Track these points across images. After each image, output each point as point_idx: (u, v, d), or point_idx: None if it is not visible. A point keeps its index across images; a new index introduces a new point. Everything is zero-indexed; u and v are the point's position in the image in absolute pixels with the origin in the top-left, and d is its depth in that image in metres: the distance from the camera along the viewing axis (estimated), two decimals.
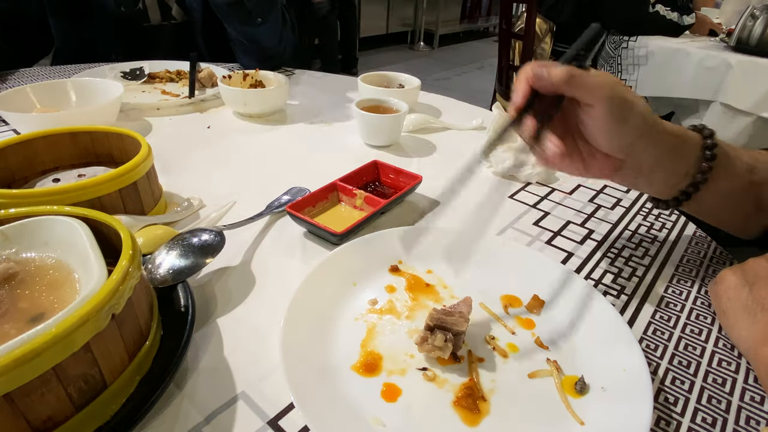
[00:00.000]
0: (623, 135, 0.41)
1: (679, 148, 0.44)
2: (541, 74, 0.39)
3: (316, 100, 1.00)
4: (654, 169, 0.44)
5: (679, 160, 0.44)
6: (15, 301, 0.32)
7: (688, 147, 0.44)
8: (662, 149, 0.43)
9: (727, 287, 0.43)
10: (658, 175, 0.45)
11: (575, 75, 0.39)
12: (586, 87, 0.39)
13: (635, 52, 1.92)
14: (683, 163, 0.44)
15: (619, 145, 0.42)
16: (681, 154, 0.44)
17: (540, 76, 0.39)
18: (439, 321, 0.37)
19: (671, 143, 0.43)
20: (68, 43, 1.11)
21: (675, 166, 0.44)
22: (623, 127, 0.41)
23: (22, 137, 0.53)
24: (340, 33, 4.05)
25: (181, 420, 0.33)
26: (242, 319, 0.42)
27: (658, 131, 0.43)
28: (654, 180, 0.46)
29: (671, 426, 0.35)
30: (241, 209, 0.59)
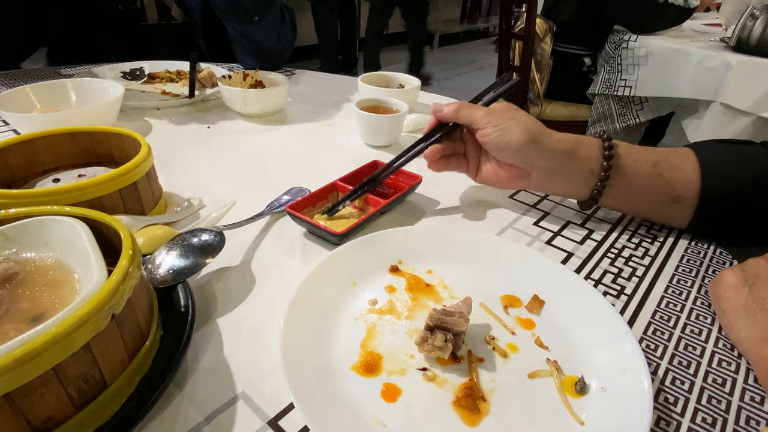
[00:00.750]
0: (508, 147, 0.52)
1: (574, 152, 0.52)
2: (439, 108, 0.56)
3: (316, 100, 1.00)
4: (555, 173, 0.53)
5: (577, 161, 0.52)
6: (15, 301, 0.32)
7: (586, 149, 0.52)
8: (555, 155, 0.52)
9: (727, 287, 0.43)
10: (563, 177, 0.54)
11: (461, 108, 0.54)
12: (468, 118, 0.54)
13: (635, 52, 1.92)
14: (585, 164, 0.52)
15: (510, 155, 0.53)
16: (578, 157, 0.52)
17: (438, 109, 0.56)
18: (439, 321, 0.37)
19: (564, 148, 0.52)
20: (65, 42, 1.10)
21: (577, 168, 0.53)
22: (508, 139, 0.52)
23: (22, 137, 0.53)
24: (340, 33, 4.05)
25: (181, 420, 0.33)
26: (242, 319, 0.42)
27: (547, 140, 0.52)
28: (564, 183, 0.55)
29: (671, 426, 0.35)
30: (241, 209, 0.59)
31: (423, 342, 0.37)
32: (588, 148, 0.52)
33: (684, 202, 0.52)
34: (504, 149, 0.52)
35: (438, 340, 0.36)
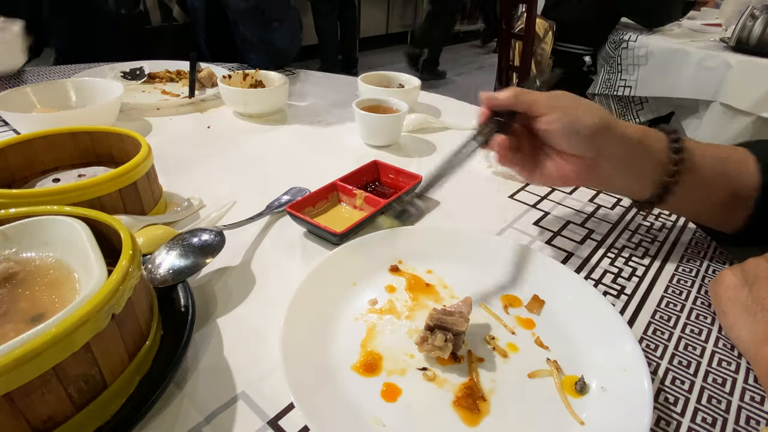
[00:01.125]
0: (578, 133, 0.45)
1: (643, 142, 0.47)
2: (492, 95, 0.48)
3: (316, 100, 1.00)
4: (625, 164, 0.47)
5: (647, 153, 0.47)
6: (15, 300, 0.32)
7: (654, 140, 0.47)
8: (627, 143, 0.46)
9: (727, 287, 0.43)
10: (631, 171, 0.48)
11: (520, 93, 0.46)
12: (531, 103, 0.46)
13: (635, 52, 1.92)
14: (653, 156, 0.47)
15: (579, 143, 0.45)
16: (648, 148, 0.47)
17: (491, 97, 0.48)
18: (440, 321, 0.37)
19: (634, 136, 0.46)
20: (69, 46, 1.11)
21: (646, 160, 0.47)
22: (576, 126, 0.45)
23: (22, 137, 0.53)
24: (340, 33, 4.05)
25: (181, 420, 0.33)
26: (242, 319, 0.42)
27: (618, 126, 0.46)
28: (630, 177, 0.48)
29: (671, 426, 0.35)
30: (241, 209, 0.59)
31: (423, 342, 0.37)
32: (656, 139, 0.47)
33: (741, 202, 0.49)
34: (573, 136, 0.45)
35: (438, 340, 0.36)
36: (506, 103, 0.47)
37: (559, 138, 0.46)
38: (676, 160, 0.46)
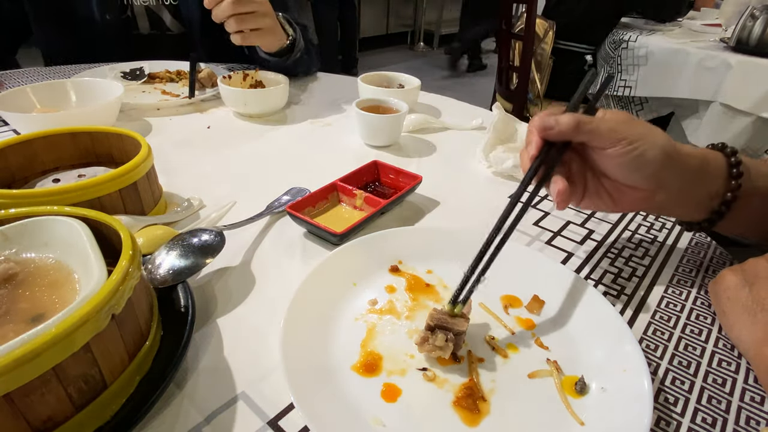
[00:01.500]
0: (643, 167, 0.42)
1: (703, 169, 0.44)
2: (549, 124, 0.41)
3: (316, 100, 1.00)
4: (682, 194, 0.44)
5: (705, 181, 0.44)
6: (15, 301, 0.32)
7: (713, 167, 0.44)
8: (687, 174, 0.43)
9: (727, 287, 0.42)
10: (687, 199, 0.45)
11: (582, 122, 0.40)
12: (595, 132, 0.41)
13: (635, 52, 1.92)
14: (711, 184, 0.45)
15: (641, 178, 0.42)
16: (707, 176, 0.44)
17: (548, 126, 0.41)
18: (440, 321, 0.37)
19: (695, 166, 0.44)
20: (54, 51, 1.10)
21: (703, 188, 0.45)
22: (640, 161, 0.41)
23: (22, 137, 0.53)
24: (340, 33, 4.05)
25: (181, 420, 0.33)
26: (242, 319, 0.42)
27: (680, 157, 0.43)
28: (684, 204, 0.46)
29: (671, 426, 0.35)
30: (241, 209, 0.59)
31: (423, 342, 0.37)
32: (715, 166, 0.45)
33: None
34: (637, 171, 0.42)
35: (439, 340, 0.36)
36: (568, 133, 0.41)
37: (620, 171, 0.43)
38: (733, 187, 0.44)
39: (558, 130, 0.41)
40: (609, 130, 0.41)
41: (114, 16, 1.05)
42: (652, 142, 0.41)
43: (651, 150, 0.41)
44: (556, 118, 0.41)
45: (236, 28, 0.84)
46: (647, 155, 0.41)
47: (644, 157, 0.41)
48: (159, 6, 1.08)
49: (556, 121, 0.41)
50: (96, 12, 1.03)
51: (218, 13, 0.82)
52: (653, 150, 0.41)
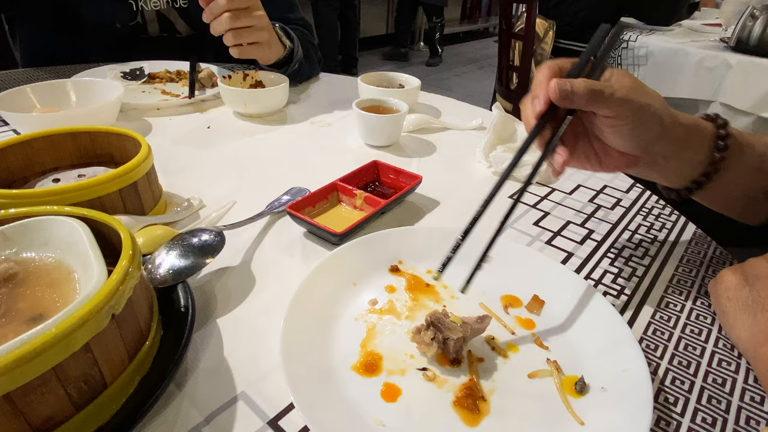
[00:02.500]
0: (642, 137, 0.42)
1: (692, 138, 0.44)
2: (565, 91, 0.39)
3: (316, 100, 1.00)
4: (668, 160, 0.44)
5: (692, 149, 0.44)
6: (15, 301, 0.32)
7: (702, 137, 0.44)
8: (677, 142, 0.43)
9: (727, 287, 0.43)
10: (672, 165, 0.45)
11: (596, 92, 0.39)
12: (608, 103, 0.40)
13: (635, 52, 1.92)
14: (697, 153, 0.44)
15: (637, 146, 0.42)
16: (694, 144, 0.44)
17: (564, 93, 0.39)
18: (436, 320, 0.37)
19: (685, 134, 0.44)
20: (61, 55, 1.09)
21: (689, 156, 0.45)
22: (641, 131, 0.41)
23: (22, 137, 0.53)
24: (340, 33, 4.05)
25: (181, 420, 0.33)
26: (242, 319, 0.42)
27: (674, 126, 0.43)
28: (668, 170, 0.46)
29: (671, 426, 0.35)
30: (241, 209, 0.59)
31: (417, 333, 0.37)
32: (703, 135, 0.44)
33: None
34: (634, 140, 0.42)
35: (426, 336, 0.37)
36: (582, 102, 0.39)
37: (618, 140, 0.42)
38: (716, 159, 0.44)
39: (569, 101, 0.40)
40: (621, 100, 0.40)
41: (124, 24, 1.05)
42: (655, 113, 0.41)
43: (652, 121, 0.41)
44: (571, 87, 0.39)
45: (233, 42, 0.84)
46: (648, 126, 0.41)
47: (645, 127, 0.41)
48: (169, 9, 1.08)
49: (572, 88, 0.39)
50: (107, 22, 1.03)
51: (216, 27, 0.83)
52: (654, 121, 0.41)
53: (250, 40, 0.86)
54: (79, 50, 1.08)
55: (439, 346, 0.37)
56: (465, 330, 0.37)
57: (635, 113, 0.40)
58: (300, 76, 1.05)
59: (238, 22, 0.82)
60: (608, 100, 0.39)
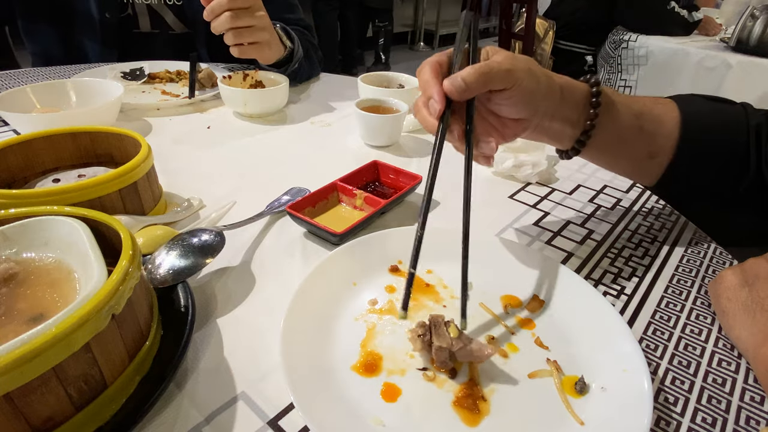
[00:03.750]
0: (532, 99, 0.44)
1: (568, 96, 0.47)
2: (461, 86, 0.40)
3: (316, 100, 1.00)
4: (552, 120, 0.46)
5: (569, 108, 0.47)
6: (15, 301, 0.32)
7: (578, 95, 0.47)
8: (557, 100, 0.46)
9: (727, 287, 0.43)
10: (556, 126, 0.47)
11: (486, 73, 0.41)
12: (499, 78, 0.41)
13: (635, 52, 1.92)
14: (574, 111, 0.47)
15: (529, 109, 0.44)
16: (571, 102, 0.47)
17: (460, 88, 0.41)
18: (433, 322, 0.37)
19: (561, 92, 0.46)
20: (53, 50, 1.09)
21: (568, 114, 0.47)
22: (531, 93, 0.43)
23: (23, 137, 0.53)
24: (340, 33, 4.05)
25: (181, 420, 0.33)
26: (242, 319, 0.42)
27: (553, 84, 0.45)
28: (553, 131, 0.48)
29: (671, 426, 0.35)
30: (241, 209, 0.59)
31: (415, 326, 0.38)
32: (578, 93, 0.47)
33: (659, 158, 0.51)
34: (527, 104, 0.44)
35: (417, 330, 0.37)
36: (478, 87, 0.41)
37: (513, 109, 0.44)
38: (592, 116, 0.47)
39: (470, 92, 0.41)
40: (508, 72, 0.41)
41: (113, 14, 1.04)
42: (536, 74, 0.43)
43: (537, 82, 0.43)
44: (463, 79, 0.40)
45: (234, 41, 0.84)
46: (536, 87, 0.43)
47: (533, 88, 0.43)
48: (161, 5, 1.08)
49: (465, 82, 0.40)
50: (95, 10, 1.02)
51: (216, 26, 0.83)
52: (539, 81, 0.44)
53: (251, 40, 0.86)
54: (73, 44, 1.08)
55: (424, 347, 0.37)
56: (453, 344, 0.36)
57: (523, 79, 0.42)
58: (300, 76, 1.05)
59: (238, 22, 0.82)
60: (497, 75, 0.41)
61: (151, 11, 1.08)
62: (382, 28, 4.24)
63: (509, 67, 0.41)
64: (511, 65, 0.42)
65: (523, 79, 0.42)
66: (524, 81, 0.42)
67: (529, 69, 0.43)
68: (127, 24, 1.07)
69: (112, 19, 1.04)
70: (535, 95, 0.43)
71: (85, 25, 1.05)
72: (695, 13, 1.99)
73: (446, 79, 0.41)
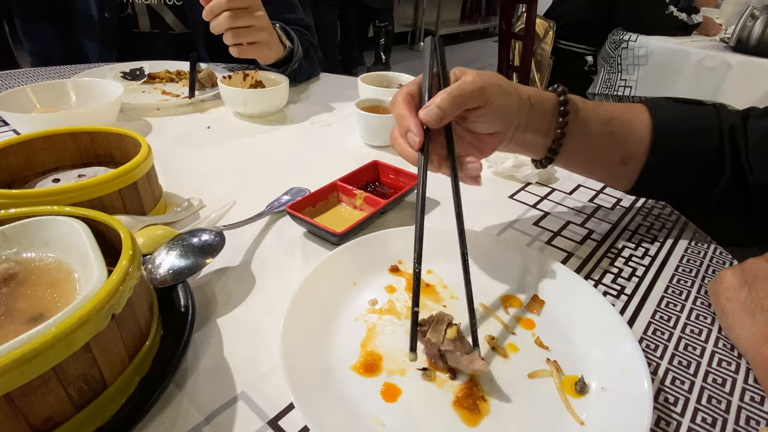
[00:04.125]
0: (505, 114, 0.45)
1: (537, 106, 0.48)
2: (438, 114, 0.41)
3: (316, 100, 1.00)
4: (525, 132, 0.47)
5: (539, 118, 0.48)
6: (15, 301, 0.32)
7: (546, 104, 0.48)
8: (527, 111, 0.47)
9: (726, 288, 0.43)
10: (528, 137, 0.48)
11: (459, 95, 0.41)
12: (472, 98, 0.42)
13: (635, 52, 1.92)
14: (543, 121, 0.48)
15: (503, 123, 0.46)
16: (540, 113, 0.48)
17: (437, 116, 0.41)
18: (437, 318, 0.37)
19: (531, 104, 0.47)
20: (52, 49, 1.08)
21: (538, 124, 0.48)
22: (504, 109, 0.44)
23: (23, 137, 0.53)
24: (340, 33, 4.05)
25: (181, 420, 0.33)
26: (242, 319, 0.42)
27: (522, 96, 0.46)
28: (526, 142, 0.49)
29: (671, 426, 0.35)
30: (241, 209, 0.59)
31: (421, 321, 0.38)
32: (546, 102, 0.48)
33: (632, 163, 0.52)
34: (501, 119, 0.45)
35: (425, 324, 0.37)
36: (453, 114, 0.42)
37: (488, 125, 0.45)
38: (561, 124, 0.48)
39: (446, 118, 0.42)
40: (480, 90, 0.42)
41: (113, 14, 1.04)
42: (506, 88, 0.45)
43: (508, 96, 0.44)
44: (438, 107, 0.41)
45: (233, 41, 0.84)
46: (507, 101, 0.44)
47: (505, 103, 0.44)
48: (161, 5, 1.08)
49: (440, 110, 0.41)
50: (94, 10, 1.02)
51: (215, 26, 0.83)
52: (509, 95, 0.45)
53: (250, 40, 0.86)
54: (72, 44, 1.07)
55: (421, 338, 0.37)
56: (442, 343, 0.36)
57: (495, 95, 0.43)
58: (300, 76, 1.05)
59: (237, 22, 0.82)
60: (471, 95, 0.42)
61: (150, 11, 1.08)
62: (383, 28, 4.23)
63: (481, 85, 0.42)
64: (482, 83, 0.43)
65: (495, 95, 0.43)
66: (496, 97, 0.43)
67: (498, 85, 0.44)
68: (126, 24, 1.07)
69: (112, 19, 1.04)
70: (508, 109, 0.45)
71: (85, 25, 1.05)
72: (694, 16, 1.99)
73: (421, 110, 0.42)
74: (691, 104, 0.54)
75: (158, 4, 1.08)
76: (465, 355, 0.36)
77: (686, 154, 0.51)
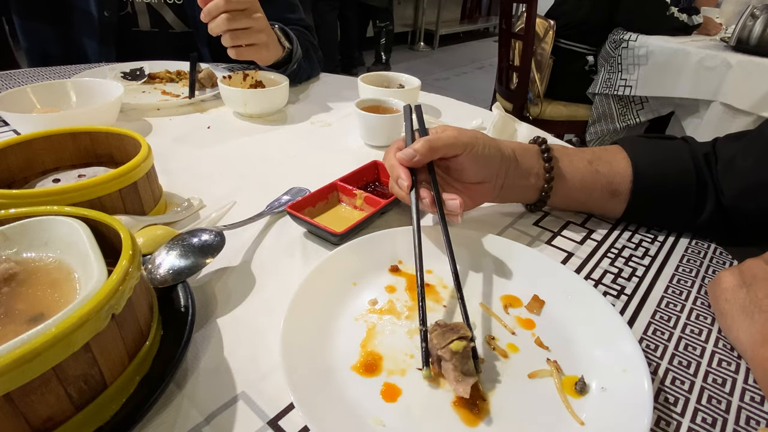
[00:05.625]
0: (487, 162, 0.50)
1: (524, 154, 0.54)
2: (412, 154, 0.48)
3: (316, 100, 1.00)
4: (515, 180, 0.53)
5: (528, 161, 0.53)
6: (15, 301, 0.32)
7: (530, 153, 0.54)
8: (513, 161, 0.52)
9: (725, 288, 0.43)
10: (519, 184, 0.54)
11: (432, 140, 0.48)
12: (446, 145, 0.48)
13: (635, 52, 1.92)
14: (532, 166, 0.53)
15: (488, 173, 0.51)
16: (527, 160, 0.53)
17: (410, 156, 0.48)
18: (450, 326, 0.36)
19: (514, 155, 0.53)
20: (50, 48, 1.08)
21: (526, 171, 0.53)
22: (485, 157, 0.50)
23: (23, 137, 0.53)
24: (340, 33, 4.05)
25: (181, 420, 0.33)
26: (242, 319, 0.42)
27: (504, 149, 0.52)
28: (518, 189, 0.54)
29: (671, 426, 0.35)
30: (241, 209, 0.59)
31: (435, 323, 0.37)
32: (531, 153, 0.54)
33: (621, 195, 0.55)
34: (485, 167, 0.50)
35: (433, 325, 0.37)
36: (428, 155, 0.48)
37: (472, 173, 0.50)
38: (548, 168, 0.53)
39: (419, 158, 0.48)
40: (454, 138, 0.49)
41: (113, 13, 1.04)
42: (485, 142, 0.50)
43: (485, 146, 0.50)
44: (413, 149, 0.48)
45: (231, 43, 0.84)
46: (490, 152, 0.50)
47: (485, 154, 0.50)
48: (161, 4, 1.08)
49: (415, 151, 0.48)
50: (93, 8, 1.02)
51: (213, 28, 0.83)
52: (489, 148, 0.50)
53: (248, 42, 0.85)
54: (71, 42, 1.07)
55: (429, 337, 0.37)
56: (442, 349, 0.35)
57: (470, 144, 0.49)
58: (299, 76, 1.04)
59: (235, 24, 0.82)
60: (443, 142, 0.48)
61: (150, 10, 1.08)
62: (383, 28, 4.24)
63: (456, 135, 0.49)
64: (457, 134, 0.49)
65: (472, 145, 0.49)
66: (474, 147, 0.49)
67: (475, 137, 0.50)
68: (126, 22, 1.07)
69: (112, 18, 1.04)
70: (489, 159, 0.50)
71: (84, 24, 1.04)
72: (695, 17, 1.99)
73: (400, 152, 0.49)
74: (661, 139, 0.58)
75: (158, 3, 1.07)
76: (456, 372, 0.35)
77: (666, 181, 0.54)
